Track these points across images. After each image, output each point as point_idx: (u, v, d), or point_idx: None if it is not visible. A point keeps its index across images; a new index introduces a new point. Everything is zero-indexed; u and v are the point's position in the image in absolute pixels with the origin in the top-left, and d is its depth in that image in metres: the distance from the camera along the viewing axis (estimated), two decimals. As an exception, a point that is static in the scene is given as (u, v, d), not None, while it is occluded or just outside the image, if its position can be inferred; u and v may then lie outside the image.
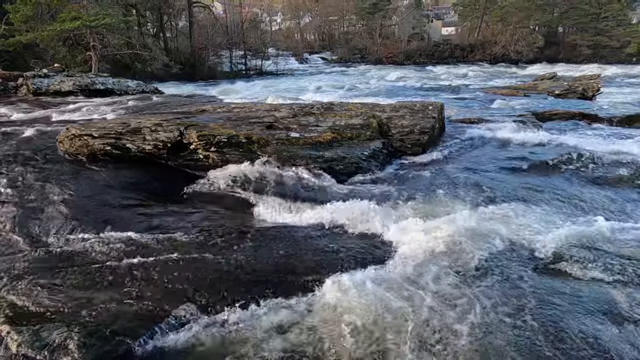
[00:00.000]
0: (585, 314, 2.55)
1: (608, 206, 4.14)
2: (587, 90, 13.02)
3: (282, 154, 5.21)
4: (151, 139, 5.39)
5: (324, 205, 4.02)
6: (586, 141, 6.41)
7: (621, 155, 5.50)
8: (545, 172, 5.10)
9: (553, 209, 3.95)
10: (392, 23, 49.57)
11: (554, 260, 3.05)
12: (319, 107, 6.87)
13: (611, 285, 2.82)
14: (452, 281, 2.73)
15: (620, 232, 3.42)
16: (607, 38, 38.18)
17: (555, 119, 8.66)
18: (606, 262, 3.04)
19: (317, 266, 3.06)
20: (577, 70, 26.32)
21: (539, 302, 2.62)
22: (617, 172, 4.96)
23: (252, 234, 3.62)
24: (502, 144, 6.47)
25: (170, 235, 3.64)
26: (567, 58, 37.94)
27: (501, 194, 4.33)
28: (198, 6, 32.29)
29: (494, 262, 2.99)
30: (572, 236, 3.30)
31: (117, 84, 13.80)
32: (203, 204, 4.62)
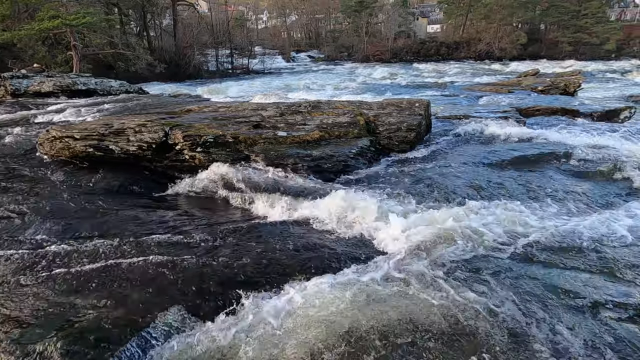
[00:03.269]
0: (565, 305, 2.60)
1: (588, 200, 4.24)
2: (569, 86, 13.34)
3: (270, 153, 5.18)
4: (135, 140, 5.29)
5: (312, 204, 4.01)
6: (568, 136, 6.54)
7: (601, 150, 5.64)
8: (529, 166, 5.20)
9: (536, 203, 4.03)
10: (378, 21, 49.76)
11: (537, 253, 3.11)
12: (306, 106, 6.84)
13: (588, 275, 2.89)
14: (435, 277, 2.75)
15: (598, 226, 3.50)
16: (587, 35, 39.14)
17: (538, 114, 8.83)
18: (584, 255, 3.12)
19: (304, 266, 3.05)
20: (559, 67, 26.93)
21: (520, 295, 2.67)
22: (598, 166, 5.09)
23: (238, 234, 3.58)
24: (487, 140, 6.56)
25: (156, 238, 3.58)
26: (549, 55, 38.75)
27: (486, 189, 4.39)
28: (182, 4, 31.82)
29: (480, 257, 3.03)
30: (554, 230, 3.37)
31: (99, 84, 13.50)
32: (189, 205, 4.57)
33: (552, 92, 13.00)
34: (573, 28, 39.98)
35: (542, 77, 16.77)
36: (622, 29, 40.67)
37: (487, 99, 11.28)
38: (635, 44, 40.31)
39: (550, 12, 41.95)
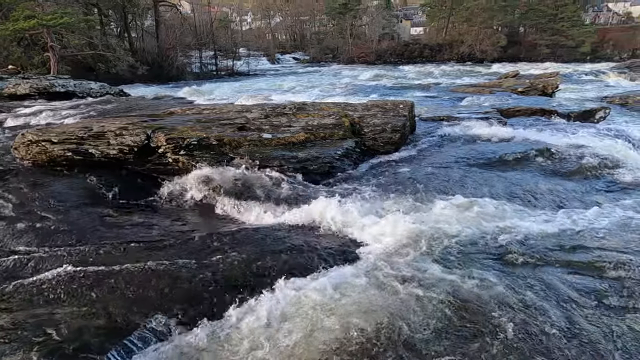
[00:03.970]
0: (543, 299, 2.66)
1: (567, 198, 4.36)
2: (547, 87, 13.75)
3: (255, 155, 5.14)
4: (116, 143, 5.16)
5: (297, 206, 3.99)
6: (547, 136, 6.73)
7: (578, 148, 5.82)
8: (510, 166, 5.32)
9: (517, 201, 4.12)
10: (362, 23, 50.20)
11: (515, 250, 3.17)
12: (291, 108, 6.82)
13: (565, 270, 2.97)
14: (419, 278, 2.78)
15: (576, 223, 3.61)
16: (563, 38, 40.46)
17: (518, 115, 9.05)
18: (563, 251, 3.20)
19: (290, 268, 3.03)
20: (537, 68, 27.68)
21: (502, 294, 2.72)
22: (576, 164, 5.24)
23: (224, 239, 3.53)
24: (470, 140, 6.68)
25: (138, 243, 3.50)
26: (528, 57, 39.82)
27: (469, 189, 4.47)
28: (164, 5, 31.32)
29: (460, 255, 3.07)
30: (534, 228, 3.45)
31: (78, 86, 13.16)
32: (172, 210, 4.48)
33: (532, 93, 13.37)
34: (550, 31, 41.27)
35: (521, 78, 17.24)
36: (597, 32, 42.26)
37: (470, 100, 11.50)
38: (608, 46, 41.89)
39: (528, 16, 43.25)
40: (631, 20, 53.17)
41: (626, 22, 52.04)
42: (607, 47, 41.71)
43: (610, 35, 43.01)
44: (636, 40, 41.50)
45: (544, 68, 28.57)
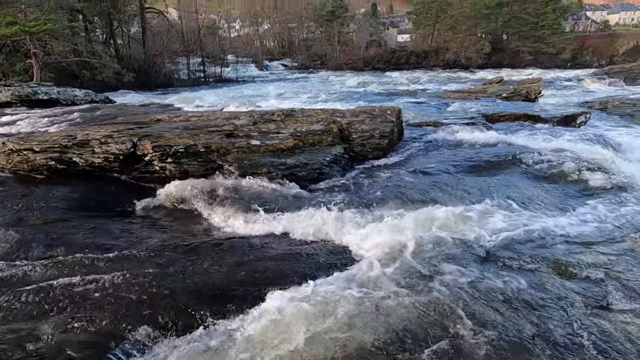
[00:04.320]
0: (526, 302, 2.70)
1: (550, 201, 4.45)
2: (530, 93, 14.09)
3: (243, 162, 5.11)
4: (101, 151, 5.07)
5: (286, 213, 3.97)
6: (531, 140, 6.88)
7: (561, 152, 5.96)
8: (495, 170, 5.41)
9: (502, 206, 4.19)
10: (350, 30, 50.76)
11: (498, 254, 3.22)
12: (279, 114, 6.82)
13: (548, 273, 3.03)
14: (408, 286, 2.79)
15: (560, 226, 3.69)
16: (545, 45, 41.67)
17: (503, 120, 9.24)
18: (543, 255, 3.27)
19: (278, 277, 3.00)
20: (520, 75, 28.37)
21: (485, 294, 2.76)
22: (558, 168, 5.37)
23: (212, 247, 3.49)
24: (456, 145, 6.78)
25: (124, 253, 3.42)
26: (511, 63, 40.84)
27: (455, 194, 4.53)
28: (151, 12, 31.12)
29: (446, 260, 3.10)
30: (517, 232, 3.51)
31: (62, 93, 12.92)
32: (159, 218, 4.41)
33: (515, 99, 13.68)
34: (532, 38, 42.46)
35: (506, 84, 17.63)
36: (576, 40, 43.67)
37: (456, 106, 11.69)
38: (588, 53, 43.29)
39: (511, 24, 44.45)
40: (608, 28, 55.20)
41: (604, 30, 53.98)
42: (586, 54, 43.12)
43: (589, 43, 44.51)
44: (614, 48, 43.04)
45: (527, 74, 29.33)
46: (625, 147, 7.13)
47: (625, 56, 39.73)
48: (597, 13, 75.94)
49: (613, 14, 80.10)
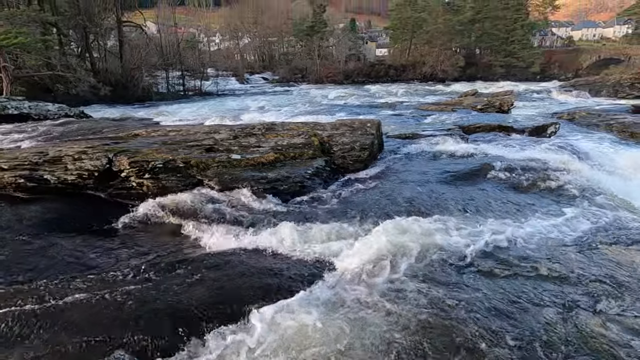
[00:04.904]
0: (504, 309, 2.76)
1: (525, 209, 4.60)
2: (503, 104, 14.67)
3: (224, 177, 5.06)
4: (74, 168, 4.91)
5: (267, 228, 3.93)
6: (505, 151, 7.13)
7: (534, 162, 6.20)
8: (473, 180, 5.56)
9: (479, 215, 4.30)
10: (329, 44, 51.69)
11: (476, 263, 3.29)
12: (260, 128, 6.82)
13: (525, 280, 3.11)
14: (388, 298, 2.81)
15: (534, 234, 3.81)
16: (515, 59, 43.67)
17: (479, 131, 9.55)
18: (524, 262, 3.36)
19: (259, 294, 2.95)
20: (494, 87, 29.52)
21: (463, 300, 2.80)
22: (531, 176, 5.57)
23: (191, 265, 3.40)
24: (435, 156, 6.94)
25: (100, 274, 3.29)
26: (485, 76, 42.48)
27: (434, 205, 4.61)
28: (129, 26, 30.78)
29: (426, 271, 3.14)
30: (493, 241, 3.60)
31: (34, 107, 12.48)
32: (137, 236, 4.27)
33: (490, 110, 14.20)
34: (503, 53, 44.45)
35: (480, 96, 18.28)
36: (544, 54, 46.04)
37: (433, 118, 12.02)
38: (555, 67, 45.61)
39: (483, 39, 46.52)
40: (573, 43, 58.53)
41: (568, 45, 57.20)
42: (553, 67, 45.40)
43: (556, 57, 46.96)
44: (578, 62, 45.54)
45: (499, 87, 30.53)
46: (592, 156, 7.48)
47: (589, 70, 42.07)
48: (562, 29, 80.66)
49: (576, 30, 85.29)
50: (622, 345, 2.45)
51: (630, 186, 5.54)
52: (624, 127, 10.97)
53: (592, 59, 45.02)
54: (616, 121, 11.67)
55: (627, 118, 12.15)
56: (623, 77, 24.04)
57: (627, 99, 21.13)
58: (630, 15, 56.61)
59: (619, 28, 77.94)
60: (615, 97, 22.05)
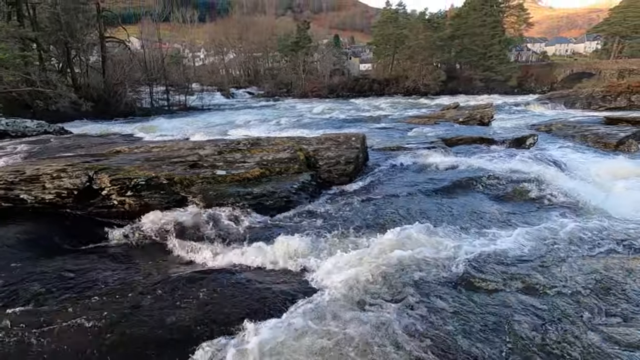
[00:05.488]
0: (491, 322, 2.78)
1: (508, 220, 4.69)
2: (484, 117, 15.10)
3: (208, 193, 4.99)
4: (53, 187, 4.77)
5: (252, 245, 3.88)
6: (487, 162, 7.29)
7: (515, 173, 6.36)
8: (456, 192, 5.65)
9: (462, 227, 4.36)
10: (314, 59, 52.51)
11: (463, 276, 3.31)
12: (245, 143, 6.80)
13: (511, 293, 3.15)
14: (373, 313, 2.79)
15: (518, 245, 3.88)
16: (494, 73, 45.28)
17: (461, 143, 9.77)
18: (505, 273, 3.40)
19: (245, 314, 2.88)
20: (474, 100, 30.41)
21: (453, 315, 2.81)
22: (512, 187, 5.71)
23: (175, 284, 3.31)
24: (419, 169, 7.04)
25: (79, 298, 3.17)
26: (465, 90, 43.76)
27: (418, 218, 4.65)
28: (112, 41, 30.60)
29: (414, 285, 3.14)
30: (479, 253, 3.64)
31: (11, 124, 12.17)
32: (119, 255, 4.15)
33: (471, 123, 14.59)
34: (482, 67, 46.04)
35: (461, 109, 18.77)
36: (521, 69, 47.95)
37: (417, 131, 12.24)
38: (531, 80, 47.45)
39: (463, 54, 48.16)
40: (547, 58, 61.25)
41: (543, 60, 59.82)
42: (530, 81, 47.24)
43: (532, 71, 48.95)
44: (553, 76, 47.52)
45: (480, 100, 31.49)
46: (570, 166, 7.73)
47: (563, 83, 43.90)
48: (537, 45, 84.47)
49: (550, 45, 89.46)
50: (606, 355, 2.49)
51: (606, 195, 5.73)
52: (598, 138, 11.43)
53: (566, 73, 47.07)
54: (590, 132, 12.14)
55: (600, 129, 12.66)
56: (595, 90, 25.14)
57: (599, 110, 22.06)
58: (599, 32, 59.74)
59: (589, 44, 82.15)
60: (589, 109, 23.00)
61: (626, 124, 14.34)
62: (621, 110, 21.39)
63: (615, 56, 51.13)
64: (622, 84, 24.71)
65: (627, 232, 4.16)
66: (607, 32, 54.47)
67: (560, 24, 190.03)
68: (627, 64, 41.45)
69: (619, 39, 52.22)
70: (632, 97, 23.26)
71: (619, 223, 4.48)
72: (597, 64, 47.14)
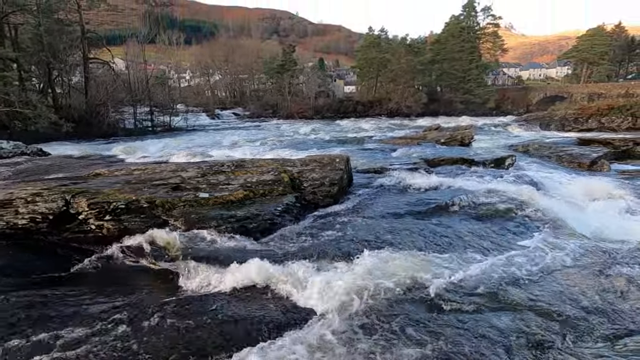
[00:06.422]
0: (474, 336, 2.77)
1: (489, 240, 4.77)
2: (464, 138, 15.57)
3: (190, 216, 4.91)
4: (26, 211, 4.60)
5: (235, 269, 3.79)
6: (468, 183, 7.45)
7: (495, 193, 6.51)
8: (438, 213, 5.73)
9: (444, 249, 4.40)
10: (299, 82, 53.44)
11: (442, 296, 3.32)
12: (229, 165, 6.77)
13: (494, 312, 3.17)
14: (354, 334, 2.75)
15: (499, 265, 3.93)
16: (472, 96, 47.07)
17: (443, 164, 9.99)
18: (489, 294, 3.44)
19: (227, 340, 2.80)
20: (455, 122, 31.35)
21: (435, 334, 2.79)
22: (492, 208, 5.83)
23: (155, 311, 3.19)
24: (402, 190, 7.14)
25: (53, 329, 3.00)
26: (446, 112, 45.15)
27: (402, 239, 4.67)
28: (96, 62, 30.47)
29: (397, 307, 3.13)
30: (459, 276, 3.68)
31: (-15, 146, 11.78)
32: (95, 282, 3.99)
33: (452, 144, 15.00)
34: (462, 90, 47.83)
35: (443, 131, 19.31)
36: (498, 92, 50.06)
37: (400, 152, 12.48)
38: (508, 103, 49.46)
39: (443, 78, 50.07)
40: (522, 82, 64.28)
41: (518, 83, 62.75)
42: (507, 103, 49.23)
43: (508, 94, 51.14)
44: (528, 99, 49.72)
45: (460, 121, 32.48)
46: (547, 186, 7.99)
47: (538, 105, 45.89)
48: (512, 70, 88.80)
49: (524, 70, 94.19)
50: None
51: (581, 215, 5.91)
52: (572, 158, 11.91)
53: (540, 96, 49.33)
54: (565, 153, 12.66)
55: (574, 150, 13.22)
56: (568, 113, 26.38)
57: (572, 131, 23.10)
58: (569, 58, 63.25)
59: (560, 69, 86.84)
60: (563, 130, 24.06)
61: (598, 144, 15.05)
62: (592, 131, 22.47)
63: (584, 81, 54.09)
64: (593, 107, 26.04)
65: (600, 252, 4.29)
66: (577, 58, 57.78)
67: (533, 50, 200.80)
68: (596, 88, 43.83)
69: (587, 65, 55.43)
70: (602, 119, 24.50)
71: (593, 242, 4.61)
72: (569, 88, 49.71)
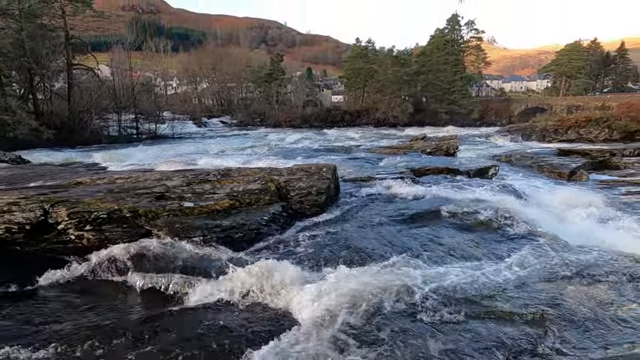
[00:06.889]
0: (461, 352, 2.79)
1: (474, 250, 4.84)
2: (450, 148, 15.87)
3: (175, 226, 4.82)
4: (2, 221, 4.44)
5: (219, 280, 3.73)
6: (452, 192, 7.57)
7: (479, 203, 6.63)
8: (424, 222, 5.79)
9: (430, 258, 4.44)
10: (287, 91, 53.74)
11: (430, 306, 3.34)
12: (215, 174, 6.71)
13: (480, 322, 3.20)
14: (344, 344, 2.73)
15: (485, 274, 3.99)
16: (457, 107, 48.24)
17: (428, 173, 10.13)
18: (478, 304, 3.47)
19: (214, 355, 2.74)
20: (440, 132, 31.97)
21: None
22: (476, 217, 5.92)
23: (136, 326, 3.10)
24: (388, 199, 7.19)
25: (25, 346, 2.88)
26: (432, 122, 46.06)
27: (389, 249, 4.69)
28: (80, 68, 29.99)
29: (384, 318, 3.13)
30: (444, 284, 3.71)
31: (-39, 153, 11.37)
32: (73, 296, 3.86)
33: (438, 154, 15.26)
34: (447, 101, 48.97)
35: (429, 140, 19.64)
36: (481, 103, 51.45)
37: (387, 161, 12.61)
38: (491, 114, 50.82)
39: (428, 88, 51.18)
40: (504, 94, 66.24)
41: (501, 95, 64.61)
42: (490, 114, 50.57)
43: (492, 106, 52.60)
44: (510, 110, 51.21)
45: (446, 131, 33.15)
46: (528, 195, 8.19)
47: (520, 117, 47.27)
48: (495, 82, 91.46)
49: (506, 82, 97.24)
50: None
51: (561, 223, 6.08)
52: (553, 168, 12.27)
53: (522, 108, 50.86)
54: (546, 163, 13.04)
55: (555, 160, 13.64)
56: (548, 124, 27.27)
57: (552, 142, 23.85)
58: (548, 72, 65.64)
59: (540, 82, 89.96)
60: (543, 141, 24.81)
61: (577, 155, 15.57)
62: (572, 142, 23.23)
63: (563, 93, 56.10)
64: (572, 119, 26.99)
65: (581, 260, 4.40)
66: (555, 71, 60.03)
67: (514, 64, 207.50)
68: (575, 101, 45.52)
69: (565, 78, 57.56)
70: (581, 130, 25.38)
71: (573, 250, 4.73)
72: (549, 100, 51.48)
